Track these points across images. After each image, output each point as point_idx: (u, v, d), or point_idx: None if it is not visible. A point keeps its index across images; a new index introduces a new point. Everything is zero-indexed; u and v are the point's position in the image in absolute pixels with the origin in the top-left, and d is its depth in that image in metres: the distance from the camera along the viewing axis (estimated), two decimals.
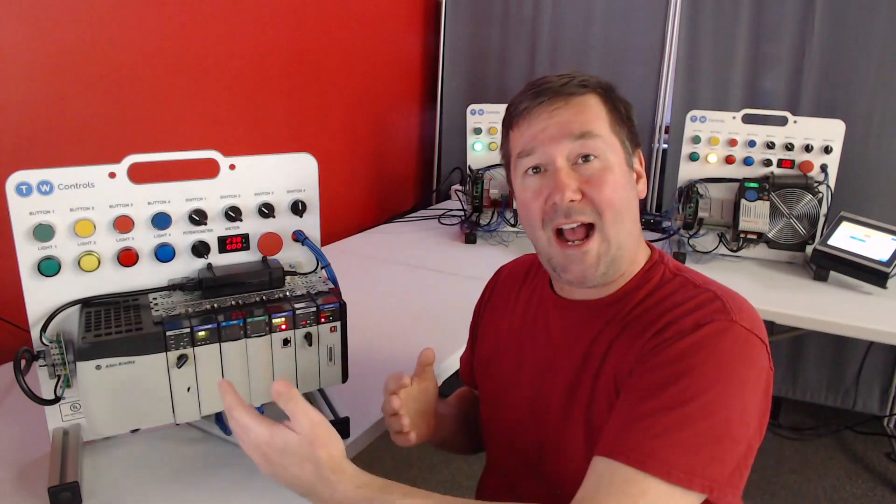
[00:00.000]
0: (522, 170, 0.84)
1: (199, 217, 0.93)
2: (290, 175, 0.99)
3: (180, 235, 0.94)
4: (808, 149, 1.85)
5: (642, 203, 2.09)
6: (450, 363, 1.26)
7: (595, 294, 0.85)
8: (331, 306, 0.93)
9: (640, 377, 0.74)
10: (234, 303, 0.91)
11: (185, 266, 0.95)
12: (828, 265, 1.74)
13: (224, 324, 0.86)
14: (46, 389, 0.88)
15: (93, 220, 0.87)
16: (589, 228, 0.81)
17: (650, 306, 0.80)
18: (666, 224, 2.14)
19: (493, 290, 1.05)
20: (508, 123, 0.88)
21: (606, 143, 0.81)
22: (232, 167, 0.95)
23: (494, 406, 0.98)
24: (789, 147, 1.86)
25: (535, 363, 0.90)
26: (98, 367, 0.81)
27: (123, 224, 0.89)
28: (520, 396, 0.92)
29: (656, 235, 2.08)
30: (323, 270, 1.01)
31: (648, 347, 0.75)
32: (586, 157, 0.80)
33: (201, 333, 0.85)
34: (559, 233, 0.82)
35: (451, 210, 2.37)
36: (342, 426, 0.98)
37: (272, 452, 0.69)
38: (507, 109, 0.88)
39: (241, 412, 0.71)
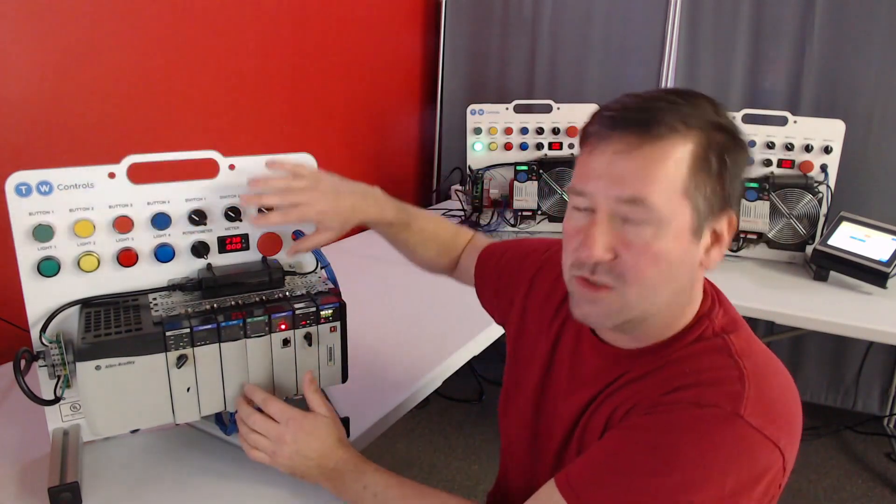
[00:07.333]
0: (572, 201, 0.75)
1: (198, 217, 0.93)
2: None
3: (180, 235, 0.94)
4: (808, 149, 1.85)
5: None
6: (451, 363, 1.26)
7: (628, 343, 0.77)
8: (330, 306, 0.93)
9: (626, 426, 0.71)
10: (233, 303, 0.91)
11: (185, 266, 0.95)
12: (828, 265, 1.74)
13: (224, 324, 0.86)
14: (46, 390, 0.88)
15: (92, 221, 0.87)
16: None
17: (673, 361, 0.73)
18: None
19: (542, 269, 0.96)
20: (582, 135, 0.75)
21: (664, 211, 0.67)
22: (232, 167, 0.95)
23: (505, 402, 0.96)
24: (789, 147, 1.86)
25: (553, 388, 0.86)
26: (98, 368, 0.81)
27: (123, 224, 0.89)
28: (524, 411, 0.90)
29: None
30: (323, 270, 1.01)
31: (650, 401, 0.71)
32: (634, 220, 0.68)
33: (201, 333, 0.85)
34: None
35: (451, 210, 2.36)
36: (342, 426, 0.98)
37: (302, 430, 0.85)
38: (591, 116, 0.73)
39: (276, 402, 0.87)
